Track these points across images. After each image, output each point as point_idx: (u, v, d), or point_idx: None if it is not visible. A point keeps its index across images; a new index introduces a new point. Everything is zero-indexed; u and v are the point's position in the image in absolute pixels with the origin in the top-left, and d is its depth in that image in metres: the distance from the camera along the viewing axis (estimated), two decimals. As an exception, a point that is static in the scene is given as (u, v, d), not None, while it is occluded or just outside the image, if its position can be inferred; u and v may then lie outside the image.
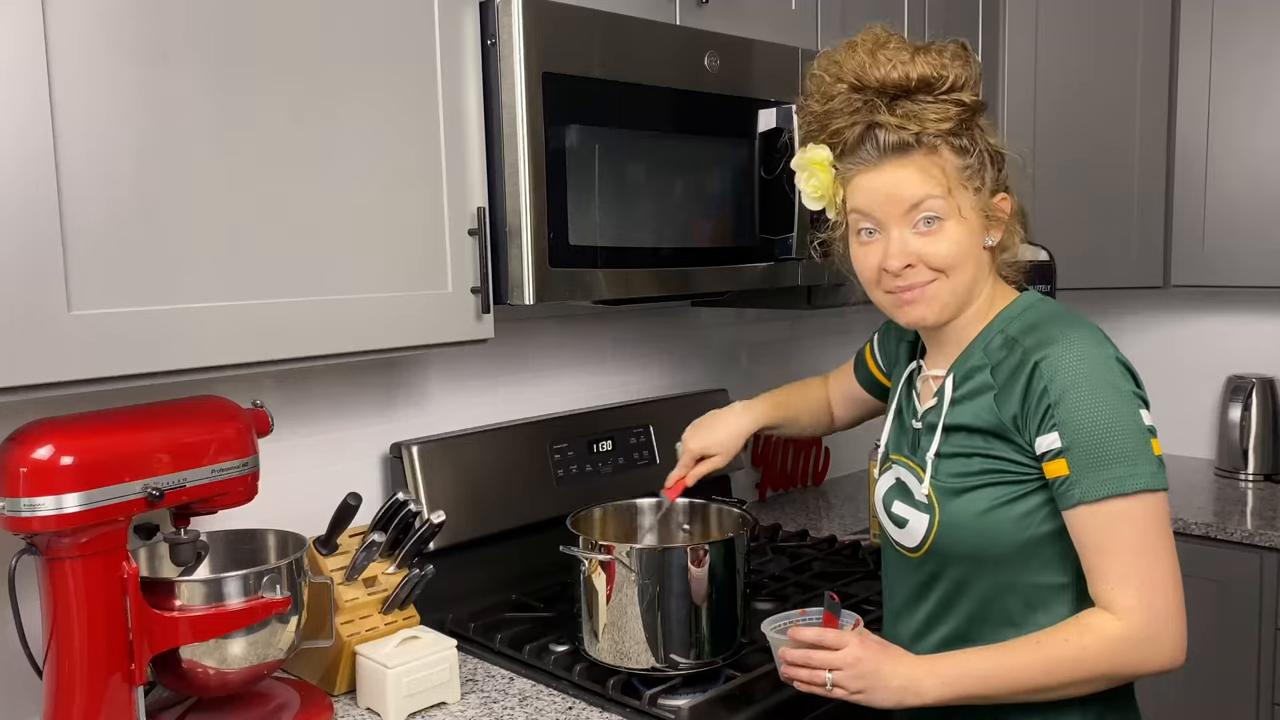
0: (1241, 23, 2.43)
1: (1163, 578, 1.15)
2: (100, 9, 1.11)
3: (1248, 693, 2.28)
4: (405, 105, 1.38)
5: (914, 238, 1.21)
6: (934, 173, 1.20)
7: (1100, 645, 1.14)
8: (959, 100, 1.20)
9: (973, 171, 1.21)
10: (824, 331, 2.71)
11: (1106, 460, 1.13)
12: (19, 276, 1.06)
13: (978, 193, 1.22)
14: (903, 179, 1.21)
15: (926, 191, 1.20)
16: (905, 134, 1.19)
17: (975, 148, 1.22)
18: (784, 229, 1.76)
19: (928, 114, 1.19)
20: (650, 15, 1.65)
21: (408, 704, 1.39)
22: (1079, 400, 1.14)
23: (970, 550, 1.24)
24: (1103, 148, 2.57)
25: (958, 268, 1.22)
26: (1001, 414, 1.20)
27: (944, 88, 1.20)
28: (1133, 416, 1.15)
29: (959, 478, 1.24)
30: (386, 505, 1.50)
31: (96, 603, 1.20)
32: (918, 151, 1.20)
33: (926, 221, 1.21)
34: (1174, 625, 1.15)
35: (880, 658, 1.22)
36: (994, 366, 1.23)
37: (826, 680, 1.22)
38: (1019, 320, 1.25)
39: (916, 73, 1.19)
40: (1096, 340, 1.18)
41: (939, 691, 1.19)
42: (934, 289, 1.23)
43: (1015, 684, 1.17)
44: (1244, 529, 2.23)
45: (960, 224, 1.21)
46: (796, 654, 1.26)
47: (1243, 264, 2.46)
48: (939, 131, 1.19)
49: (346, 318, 1.34)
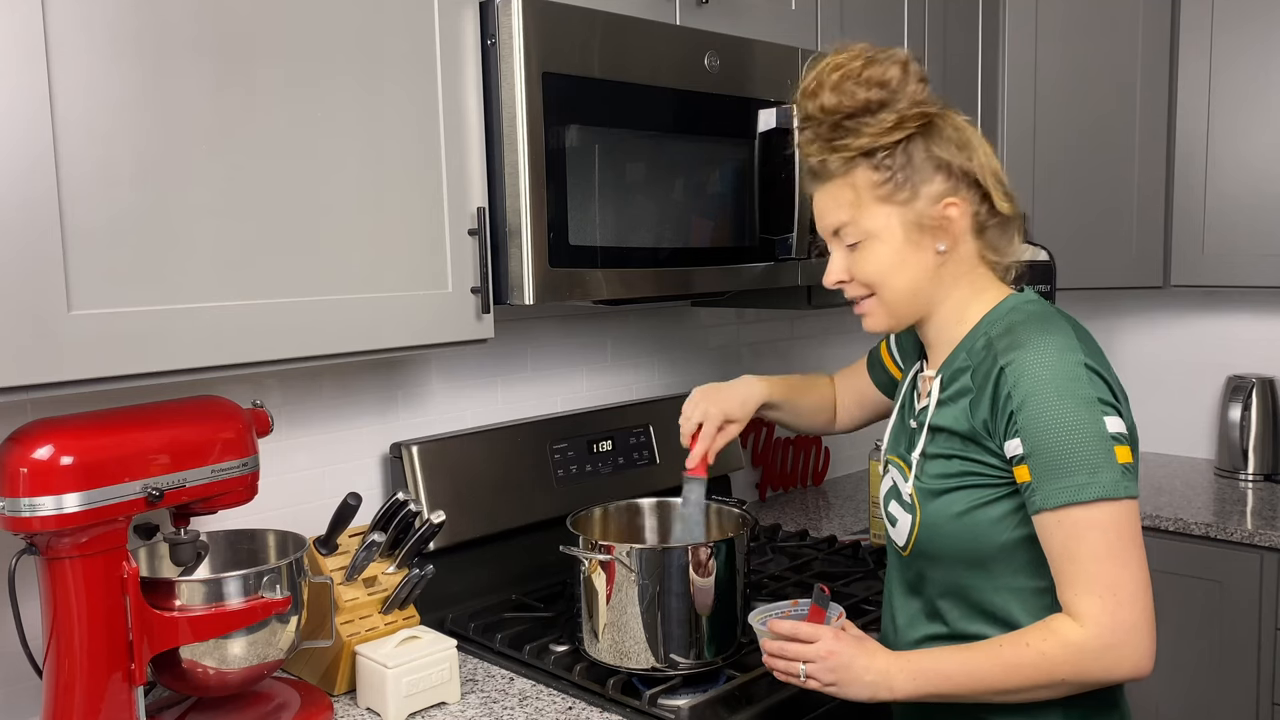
0: (1241, 22, 2.43)
1: (1128, 586, 1.12)
2: (100, 9, 1.11)
3: (1248, 693, 2.28)
4: (405, 105, 1.38)
5: (845, 254, 1.28)
6: (845, 196, 1.24)
7: (1061, 652, 1.14)
8: (884, 119, 1.20)
9: (895, 185, 1.22)
10: (824, 331, 2.71)
11: (1065, 468, 1.13)
12: (19, 276, 1.06)
13: (906, 204, 1.22)
14: (821, 205, 1.29)
15: (838, 219, 1.26)
16: (813, 161, 1.26)
17: (898, 162, 1.22)
18: (784, 229, 1.76)
19: (842, 138, 1.22)
20: (650, 15, 1.65)
21: (408, 704, 1.39)
22: (1038, 407, 1.14)
23: (950, 551, 1.24)
24: (1103, 148, 2.57)
25: (884, 284, 1.25)
26: (974, 419, 1.21)
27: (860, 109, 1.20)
28: (1094, 424, 1.13)
29: (939, 479, 1.24)
30: (386, 505, 1.50)
31: (96, 603, 1.20)
32: (830, 179, 1.25)
33: (850, 246, 1.26)
34: (1138, 634, 1.13)
35: (854, 652, 1.23)
36: (974, 369, 1.23)
37: (800, 672, 1.25)
38: (1001, 322, 1.24)
39: (817, 105, 1.22)
40: (1066, 345, 1.17)
41: (909, 688, 1.20)
42: (873, 304, 1.29)
43: (978, 684, 1.18)
44: (1244, 529, 2.23)
45: (880, 242, 1.24)
46: (773, 645, 1.28)
47: (1242, 264, 2.46)
48: (851, 151, 1.22)
49: (346, 318, 1.34)
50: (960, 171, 1.23)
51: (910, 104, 1.21)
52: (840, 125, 1.22)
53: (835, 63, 1.23)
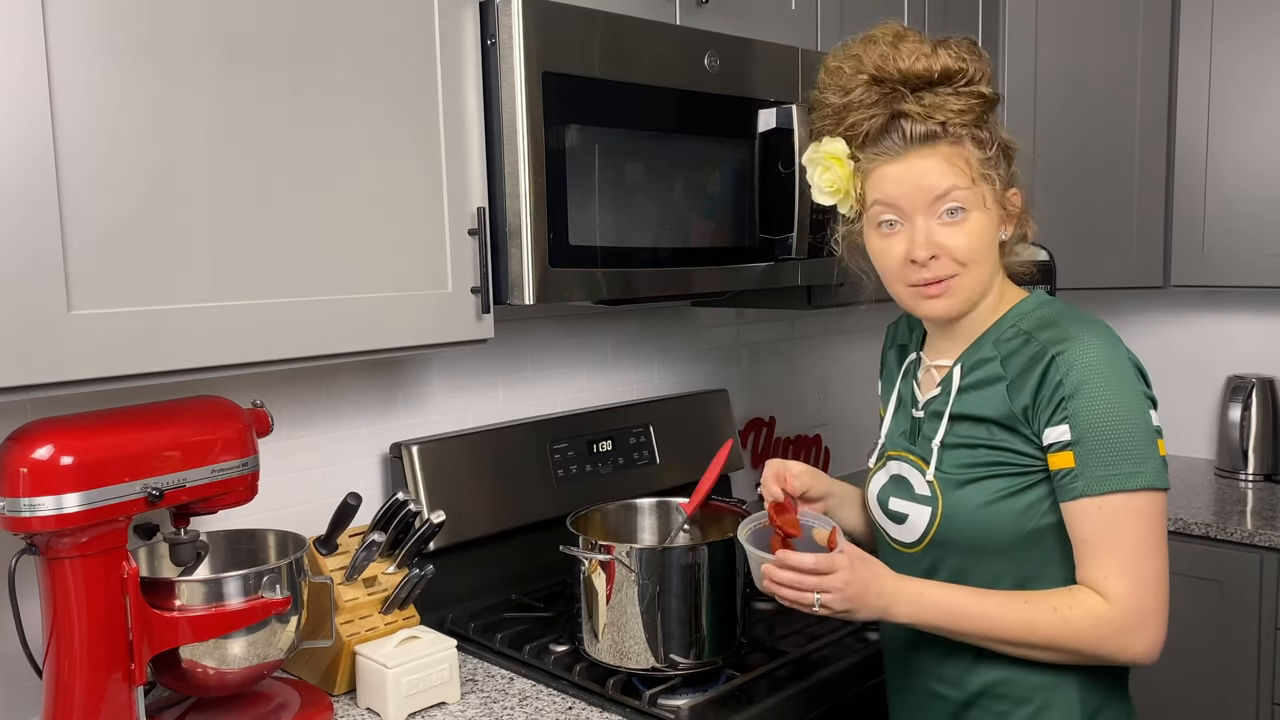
0: (1241, 23, 2.43)
1: (1155, 576, 1.17)
2: (100, 9, 1.11)
3: (1248, 693, 2.28)
4: (405, 105, 1.38)
5: (938, 228, 1.22)
6: (959, 163, 1.22)
7: (1085, 621, 1.16)
8: (979, 93, 1.22)
9: (992, 164, 1.23)
10: (824, 331, 2.71)
11: (1114, 456, 1.15)
12: (19, 276, 1.06)
13: (994, 186, 1.24)
14: (929, 169, 1.22)
15: (953, 182, 1.21)
16: (932, 124, 1.21)
17: (993, 140, 1.24)
18: (784, 229, 1.76)
19: (950, 105, 1.21)
20: (650, 15, 1.65)
21: (408, 704, 1.39)
22: (1093, 395, 1.16)
23: (970, 541, 1.25)
24: (1102, 147, 2.57)
25: (978, 261, 1.24)
26: (1013, 404, 1.21)
27: (964, 80, 1.22)
28: (1143, 415, 1.17)
29: (964, 468, 1.24)
30: (386, 505, 1.50)
31: (96, 603, 1.20)
32: (943, 142, 1.22)
33: (951, 212, 1.22)
34: (1156, 622, 1.17)
35: (868, 578, 1.20)
36: (1004, 358, 1.24)
37: (815, 601, 1.21)
38: (1032, 316, 1.26)
39: (939, 65, 1.21)
40: (1112, 340, 1.21)
41: (914, 615, 1.21)
42: (957, 283, 1.24)
43: (991, 630, 1.19)
44: (1244, 529, 2.23)
45: (983, 215, 1.23)
46: (787, 575, 1.20)
47: (1243, 264, 2.46)
48: (963, 122, 1.22)
49: (346, 318, 1.34)
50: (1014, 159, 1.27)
51: (989, 83, 1.23)
52: (943, 93, 1.21)
53: (915, 35, 1.23)
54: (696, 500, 1.56)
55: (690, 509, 1.56)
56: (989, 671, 1.25)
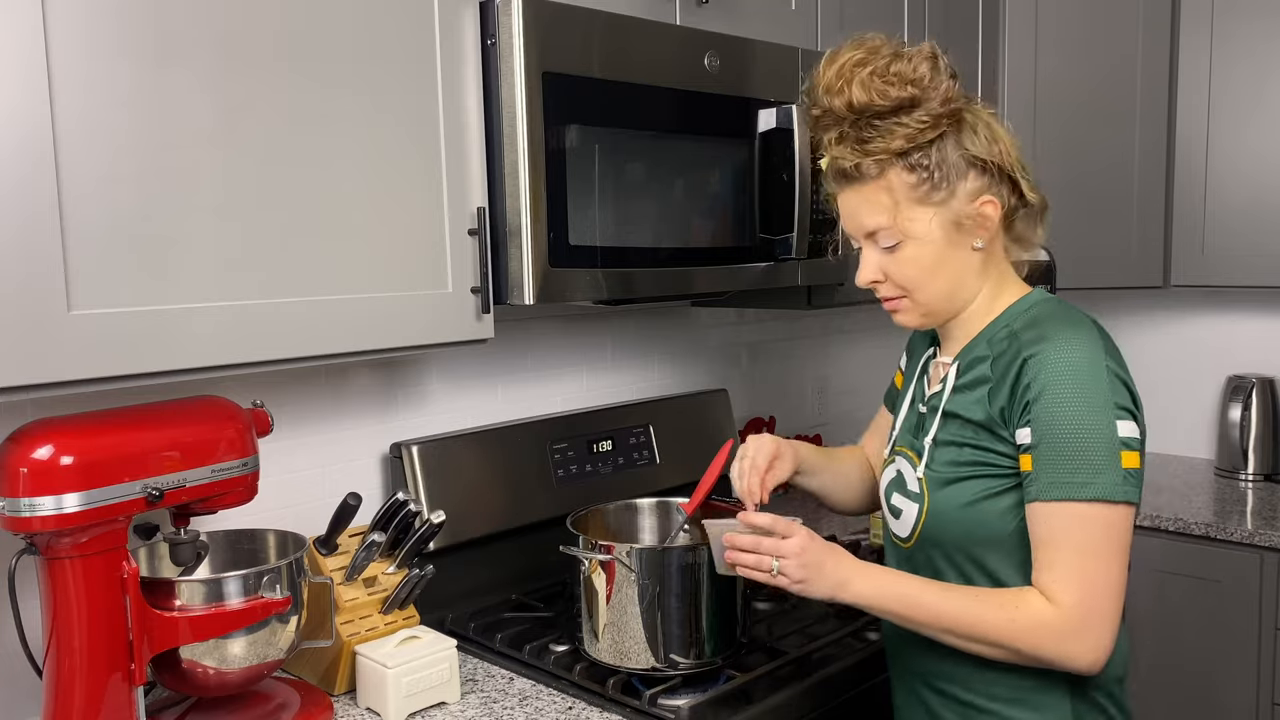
0: (1242, 22, 2.43)
1: (1105, 585, 1.15)
2: (100, 9, 1.11)
3: (1247, 693, 2.28)
4: (405, 105, 1.38)
5: (882, 255, 1.25)
6: (880, 200, 1.21)
7: (1028, 623, 1.16)
8: (919, 119, 1.19)
9: (932, 186, 1.20)
10: (824, 331, 2.71)
11: (1069, 464, 1.14)
12: (19, 276, 1.06)
13: (944, 204, 1.21)
14: (854, 207, 1.25)
15: (875, 223, 1.23)
16: (845, 164, 1.22)
17: (933, 161, 1.20)
18: (784, 229, 1.76)
19: (874, 140, 1.19)
20: (650, 15, 1.65)
21: (408, 704, 1.39)
22: (1054, 400, 1.15)
23: (955, 540, 1.25)
24: (1103, 148, 2.57)
25: (921, 286, 1.24)
26: (991, 407, 1.22)
27: (885, 111, 1.19)
28: (1105, 426, 1.14)
29: (950, 467, 1.25)
30: (386, 505, 1.50)
31: (96, 603, 1.20)
32: (862, 181, 1.22)
33: (885, 246, 1.24)
34: (1102, 630, 1.15)
35: (825, 551, 1.24)
36: (994, 359, 1.24)
37: (773, 567, 1.24)
38: (1024, 316, 1.25)
39: (845, 100, 1.19)
40: (1091, 345, 1.18)
41: (866, 597, 1.23)
42: (907, 303, 1.27)
43: (938, 620, 1.20)
44: (1244, 529, 2.23)
45: (918, 244, 1.22)
46: (747, 540, 1.27)
47: (1242, 264, 2.46)
48: (886, 154, 1.19)
49: (346, 318, 1.34)
50: (993, 166, 1.22)
51: (942, 101, 1.19)
52: (871, 125, 1.19)
53: (857, 58, 1.20)
54: (697, 500, 1.56)
55: (690, 509, 1.56)
56: (990, 673, 1.25)
